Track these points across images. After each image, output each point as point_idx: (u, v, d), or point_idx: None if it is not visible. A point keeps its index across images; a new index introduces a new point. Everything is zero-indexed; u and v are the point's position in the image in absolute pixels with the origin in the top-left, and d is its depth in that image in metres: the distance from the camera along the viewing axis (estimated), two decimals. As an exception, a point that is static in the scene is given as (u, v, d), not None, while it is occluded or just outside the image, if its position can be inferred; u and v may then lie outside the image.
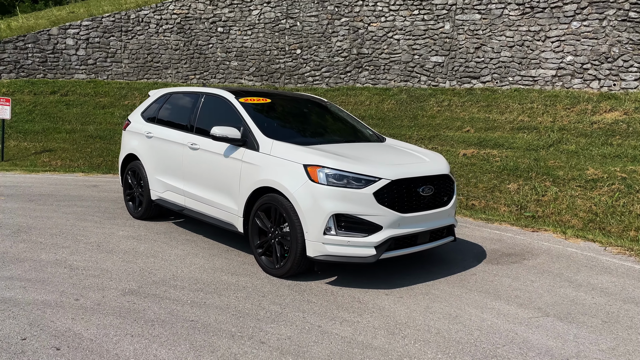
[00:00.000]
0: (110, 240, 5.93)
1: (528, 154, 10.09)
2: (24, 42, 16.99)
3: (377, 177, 4.45)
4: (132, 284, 4.59)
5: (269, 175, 4.82)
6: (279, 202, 4.70)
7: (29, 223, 6.55)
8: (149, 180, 6.59)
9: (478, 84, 14.01)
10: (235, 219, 5.26)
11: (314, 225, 4.44)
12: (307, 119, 6.01)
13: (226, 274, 4.90)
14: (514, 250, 6.02)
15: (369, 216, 4.39)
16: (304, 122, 5.92)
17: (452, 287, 4.75)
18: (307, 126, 5.85)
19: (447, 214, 4.95)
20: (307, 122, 5.95)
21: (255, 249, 5.04)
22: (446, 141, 11.31)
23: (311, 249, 4.49)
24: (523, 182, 9.03)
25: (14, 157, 12.33)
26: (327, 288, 4.61)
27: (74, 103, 15.62)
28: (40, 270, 4.87)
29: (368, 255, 4.41)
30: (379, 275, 5.00)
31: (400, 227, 4.52)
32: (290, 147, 4.85)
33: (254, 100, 5.66)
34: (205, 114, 5.93)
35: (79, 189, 9.03)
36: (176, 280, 4.72)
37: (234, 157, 5.24)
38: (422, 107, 13.24)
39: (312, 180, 4.48)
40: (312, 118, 6.05)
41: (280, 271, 4.76)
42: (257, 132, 5.15)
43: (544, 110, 11.68)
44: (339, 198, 4.39)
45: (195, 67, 17.00)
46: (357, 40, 15.53)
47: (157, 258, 5.33)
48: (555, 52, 13.09)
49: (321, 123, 6.05)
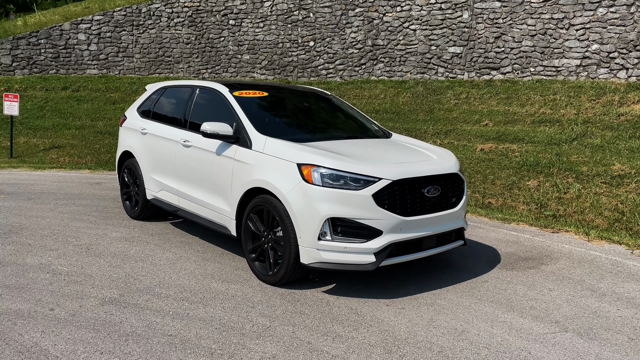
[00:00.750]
0: (101, 242, 5.64)
1: (550, 148, 9.54)
2: (37, 38, 16.92)
3: (376, 177, 4.04)
4: (114, 291, 4.28)
5: (262, 175, 4.45)
6: (271, 204, 4.33)
7: (22, 223, 6.31)
8: (145, 178, 6.29)
9: (498, 75, 13.42)
10: (228, 222, 4.91)
11: (307, 229, 4.06)
12: (306, 113, 5.62)
13: (216, 281, 4.56)
14: (531, 253, 5.55)
15: (367, 220, 4.00)
16: (303, 117, 5.53)
17: (460, 296, 4.32)
18: (306, 121, 5.46)
19: (455, 217, 4.52)
20: (306, 116, 5.56)
21: (248, 253, 4.68)
22: (463, 136, 10.81)
23: (305, 255, 4.11)
24: (544, 178, 8.50)
25: (23, 154, 12.22)
26: (323, 297, 4.23)
27: (85, 99, 15.49)
28: (22, 275, 4.60)
29: (367, 262, 4.01)
30: (382, 282, 4.60)
31: (403, 232, 4.11)
32: (284, 145, 4.47)
33: (249, 94, 5.29)
34: (198, 109, 5.59)
35: (81, 187, 8.80)
36: (162, 287, 4.39)
37: (226, 155, 4.89)
38: (439, 100, 12.73)
39: (306, 181, 4.10)
40: (312, 112, 5.65)
41: (273, 279, 4.40)
42: (250, 128, 4.78)
43: (567, 102, 11.07)
44: (335, 200, 4.00)
45: (207, 61, 16.73)
46: (372, 32, 15.04)
47: (146, 262, 5.02)
48: (580, 41, 12.43)
49: (322, 118, 5.65)
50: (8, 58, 16.76)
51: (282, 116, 5.42)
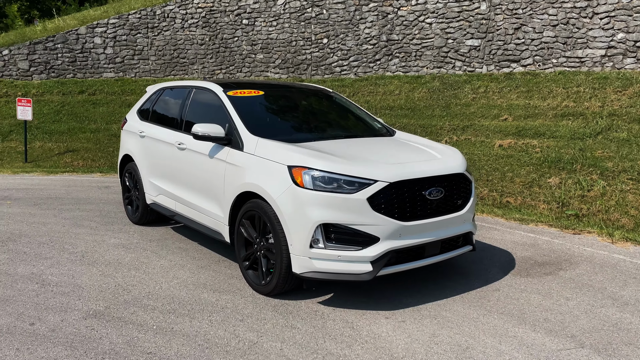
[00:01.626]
0: (98, 249, 5.47)
1: (572, 143, 9.05)
2: (54, 42, 17.03)
3: (371, 180, 3.74)
4: (100, 303, 4.08)
5: (252, 178, 4.19)
6: (262, 209, 4.07)
7: (22, 230, 6.20)
8: (144, 183, 6.11)
9: (518, 67, 12.89)
10: (222, 227, 4.67)
11: (298, 236, 3.79)
12: (304, 112, 5.33)
13: (208, 291, 4.32)
14: (549, 258, 5.16)
15: (362, 226, 3.70)
16: (300, 116, 5.24)
17: (467, 307, 3.99)
18: (302, 120, 5.18)
19: (462, 220, 4.18)
20: (303, 115, 5.28)
21: (241, 261, 4.43)
22: (480, 131, 10.37)
23: (297, 264, 3.84)
24: (566, 175, 8.05)
25: (38, 159, 12.25)
26: (318, 309, 3.95)
27: (101, 102, 15.51)
28: (10, 286, 4.44)
29: (363, 271, 3.71)
30: (384, 292, 4.29)
31: (402, 238, 3.79)
32: (275, 146, 4.20)
33: (244, 93, 5.04)
34: (194, 110, 5.36)
35: (89, 191, 8.71)
36: (150, 298, 4.18)
37: (218, 157, 4.65)
38: (456, 95, 12.29)
39: (297, 184, 3.83)
40: (310, 111, 5.37)
41: (266, 288, 4.14)
42: (242, 129, 4.53)
43: (591, 94, 10.53)
44: (327, 205, 3.72)
45: (221, 62, 16.58)
46: (386, 26, 14.66)
47: (139, 271, 4.82)
48: (605, 30, 11.83)
49: (320, 116, 5.36)
50: (25, 63, 16.92)
51: (276, 116, 5.15)
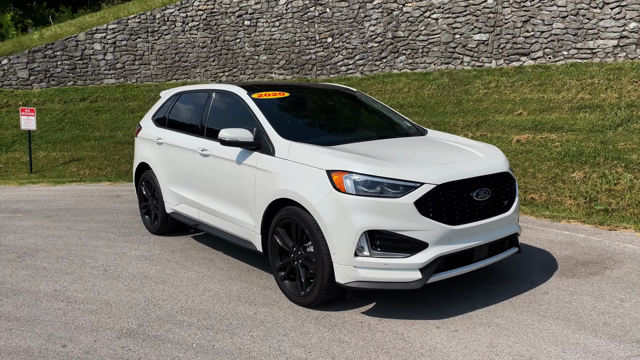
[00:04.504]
0: (120, 262, 5.27)
1: (593, 136, 8.87)
2: (53, 50, 16.80)
3: (418, 182, 3.55)
4: (132, 321, 3.88)
5: (287, 184, 4.00)
6: (299, 216, 3.87)
7: (38, 244, 5.99)
8: (163, 191, 5.90)
9: (528, 61, 12.71)
10: (253, 236, 4.47)
11: (342, 245, 3.59)
12: (332, 113, 5.13)
13: (243, 304, 4.12)
14: (590, 256, 4.98)
15: (410, 231, 3.50)
16: (328, 118, 5.04)
17: (519, 313, 3.80)
18: (331, 122, 4.98)
19: (508, 221, 4.00)
20: (331, 117, 5.08)
21: (277, 271, 4.23)
22: (496, 127, 10.19)
23: (340, 273, 3.64)
24: (590, 169, 7.86)
25: (43, 169, 12.03)
26: (364, 320, 3.75)
27: (103, 109, 15.28)
28: (34, 305, 4.24)
29: (412, 280, 3.52)
30: (427, 299, 4.09)
31: (451, 243, 3.60)
32: (310, 149, 4.00)
33: (269, 95, 4.84)
34: (215, 115, 5.16)
35: (101, 201, 8.49)
36: (184, 313, 3.98)
37: (247, 163, 4.45)
38: (467, 91, 12.10)
39: (338, 190, 3.63)
40: (337, 112, 5.17)
41: (305, 300, 3.94)
42: (272, 133, 4.33)
43: (607, 86, 10.35)
44: (372, 210, 3.52)
45: (224, 64, 16.37)
46: (391, 23, 14.47)
47: (167, 284, 4.61)
48: (616, 20, 11.65)
49: (349, 117, 5.16)
50: (25, 72, 16.68)
51: (305, 118, 4.95)
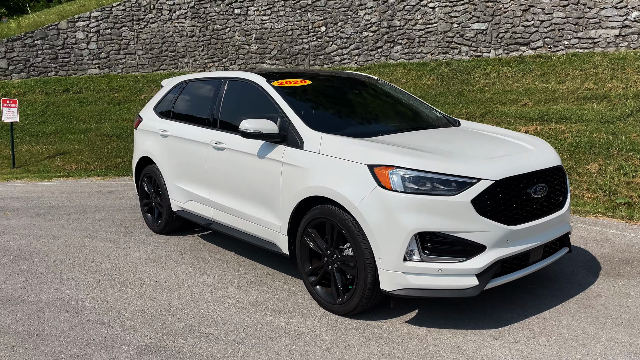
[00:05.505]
0: (125, 265, 4.84)
1: (603, 127, 8.66)
2: (33, 38, 16.04)
3: (474, 178, 3.21)
4: (150, 335, 3.48)
5: (321, 180, 3.62)
6: (336, 216, 3.50)
7: (31, 246, 5.52)
8: (168, 188, 5.47)
9: (528, 50, 12.49)
10: (278, 237, 4.09)
11: (389, 248, 3.23)
12: (359, 102, 4.76)
13: (271, 313, 3.75)
14: (630, 254, 4.72)
15: (466, 233, 3.17)
16: (356, 107, 4.67)
17: (577, 319, 3.50)
18: (360, 112, 4.60)
19: (562, 219, 3.69)
20: (359, 106, 4.70)
21: (307, 276, 3.87)
22: (501, 118, 9.93)
23: (386, 280, 3.29)
24: (604, 161, 7.64)
25: (26, 163, 11.42)
26: (411, 331, 3.41)
27: (88, 100, 14.65)
28: (36, 317, 3.81)
29: (468, 286, 3.19)
30: (474, 305, 3.77)
31: (510, 245, 3.28)
32: (347, 142, 3.63)
33: (290, 83, 4.45)
34: (230, 105, 4.74)
35: (93, 197, 8.00)
36: (207, 325, 3.59)
37: (271, 157, 4.05)
38: (467, 81, 11.83)
39: (383, 187, 3.27)
40: (364, 101, 4.80)
41: (343, 308, 3.58)
42: (300, 124, 3.94)
43: (612, 75, 10.17)
44: (424, 210, 3.17)
45: (213, 54, 15.83)
46: (387, 12, 14.10)
47: (182, 290, 4.21)
48: (618, 9, 11.49)
49: (377, 106, 4.79)
50: (3, 62, 15.90)
51: (332, 107, 4.56)
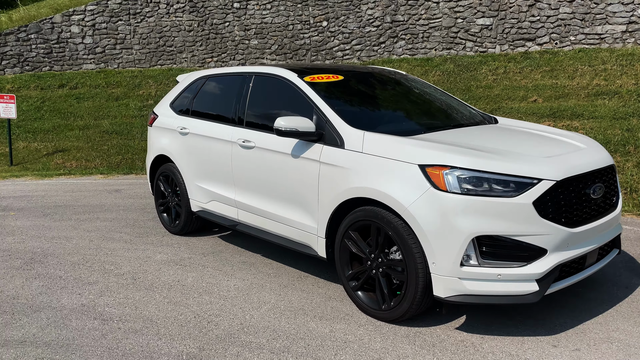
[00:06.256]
0: (147, 268, 4.64)
1: (617, 123, 8.59)
2: (26, 32, 15.65)
3: (535, 178, 3.06)
4: (188, 343, 3.30)
5: (365, 181, 3.46)
6: (383, 219, 3.34)
7: (44, 248, 5.29)
8: (188, 187, 5.27)
9: (534, 46, 12.41)
10: (314, 240, 3.92)
11: (444, 253, 3.08)
12: (393, 98, 4.59)
13: (312, 319, 3.59)
14: (668, 254, 4.62)
15: (527, 236, 3.02)
16: (392, 104, 4.50)
17: (634, 324, 3.38)
18: (397, 109, 4.44)
19: (617, 220, 3.57)
20: (394, 103, 4.53)
21: (347, 281, 3.70)
22: (512, 114, 9.83)
23: (441, 286, 3.14)
24: (621, 158, 7.56)
25: (24, 160, 11.11)
26: (464, 339, 3.27)
27: (85, 96, 14.32)
28: (62, 325, 3.61)
29: (528, 292, 3.04)
30: (521, 310, 3.64)
31: (570, 248, 3.14)
32: (392, 140, 3.47)
33: (322, 79, 4.27)
34: (257, 101, 4.56)
35: (100, 196, 7.76)
36: (247, 332, 3.41)
37: (307, 157, 3.88)
38: (474, 77, 11.72)
39: (437, 188, 3.11)
40: (400, 97, 4.63)
41: (390, 314, 3.42)
42: (338, 122, 3.77)
43: (621, 72, 10.11)
44: (482, 212, 3.02)
45: (212, 49, 15.56)
46: (390, 7, 13.94)
47: (213, 295, 4.03)
48: (624, 5, 11.43)
49: (411, 103, 4.62)
50: (-3, 56, 15.51)
51: (369, 104, 4.39)
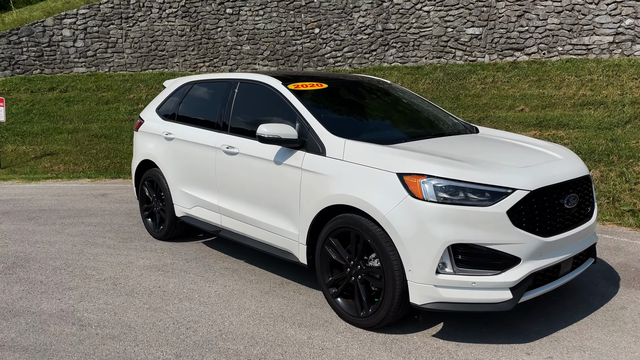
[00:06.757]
0: (129, 274, 4.64)
1: (601, 133, 8.70)
2: (18, 35, 15.62)
3: (509, 188, 3.11)
4: (165, 350, 3.30)
5: (345, 188, 3.49)
6: (362, 226, 3.37)
7: (27, 252, 5.28)
8: (172, 193, 5.28)
9: (522, 56, 12.54)
10: (295, 247, 3.95)
11: (420, 260, 3.12)
12: (376, 107, 4.63)
13: (291, 326, 3.60)
14: (646, 263, 4.68)
15: (501, 245, 3.06)
16: (375, 112, 4.54)
17: (608, 333, 3.42)
18: (380, 117, 4.48)
19: (591, 230, 3.62)
20: (378, 111, 4.58)
21: (327, 288, 3.73)
22: (499, 123, 9.92)
23: (417, 293, 3.17)
24: (605, 167, 7.65)
25: (12, 164, 11.07)
26: (440, 346, 3.30)
27: (75, 99, 14.29)
28: (41, 330, 3.60)
29: (502, 300, 3.08)
30: (499, 318, 3.67)
31: (544, 257, 3.19)
32: (373, 149, 3.51)
33: (306, 86, 4.31)
34: (242, 108, 4.59)
35: (86, 200, 7.74)
36: (225, 339, 3.43)
37: (289, 163, 3.91)
38: (463, 86, 11.81)
39: (414, 196, 3.15)
40: (383, 106, 4.67)
41: (367, 321, 3.45)
42: (320, 129, 3.80)
43: (607, 82, 10.24)
44: (458, 221, 3.06)
45: (204, 54, 15.58)
46: (381, 15, 14.04)
47: (193, 301, 4.04)
48: (612, 16, 11.58)
49: (395, 111, 4.67)
50: (-13, 59, 15.45)
51: (351, 112, 4.43)
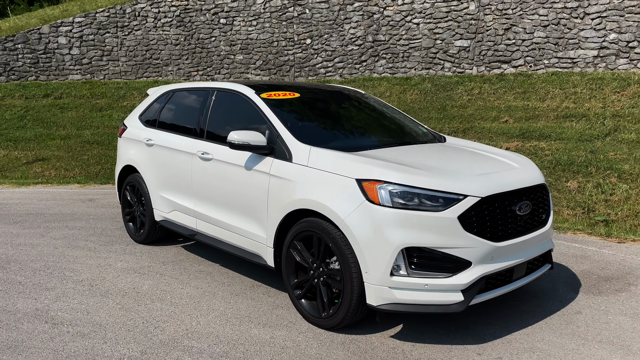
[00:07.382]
0: (106, 275, 4.76)
1: (582, 145, 8.85)
2: (13, 42, 15.80)
3: (461, 194, 3.25)
4: (132, 347, 3.42)
5: (308, 193, 3.63)
6: (323, 230, 3.51)
7: (9, 254, 5.40)
8: (152, 197, 5.42)
9: (509, 68, 12.74)
10: (263, 250, 4.08)
11: (376, 263, 3.25)
12: (347, 116, 4.79)
13: (256, 326, 3.73)
14: (610, 271, 4.81)
15: (453, 249, 3.20)
16: (345, 121, 4.69)
17: (559, 336, 3.55)
18: (349, 126, 4.63)
19: (546, 237, 3.76)
20: (348, 120, 4.73)
21: (292, 289, 3.85)
22: (483, 134, 10.08)
23: (373, 295, 3.30)
24: (583, 178, 7.80)
25: (4, 169, 11.19)
26: (396, 346, 3.42)
27: (69, 106, 14.44)
28: (14, 327, 3.72)
29: (453, 302, 3.21)
30: (457, 321, 3.80)
31: (495, 261, 3.32)
32: (335, 156, 3.65)
33: (279, 95, 4.47)
34: (218, 116, 4.74)
35: (73, 205, 7.87)
36: (190, 338, 3.55)
37: (258, 169, 4.05)
38: (450, 97, 12.00)
39: (371, 201, 3.29)
40: (353, 115, 4.83)
41: (328, 322, 3.58)
42: (288, 137, 3.95)
43: (590, 95, 10.42)
44: (411, 225, 3.20)
45: (198, 63, 15.78)
46: (372, 27, 14.26)
47: (165, 302, 4.16)
48: (596, 30, 11.80)
49: (365, 121, 4.83)
50: (-17, 65, 15.63)
51: (320, 121, 4.58)
